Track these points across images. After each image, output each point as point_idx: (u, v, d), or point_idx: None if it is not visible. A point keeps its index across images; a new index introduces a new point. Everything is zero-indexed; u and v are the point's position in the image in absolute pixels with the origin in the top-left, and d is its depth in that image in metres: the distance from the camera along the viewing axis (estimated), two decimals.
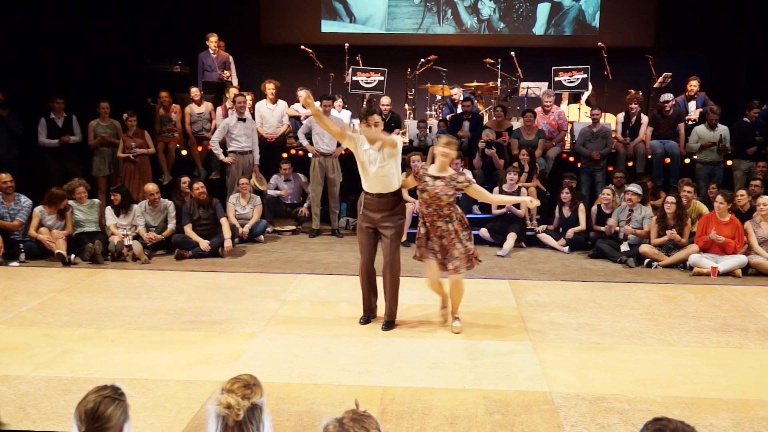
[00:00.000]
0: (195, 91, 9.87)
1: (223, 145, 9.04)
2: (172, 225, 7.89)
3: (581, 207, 8.37)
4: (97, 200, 8.07)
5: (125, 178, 9.02)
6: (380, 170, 5.05)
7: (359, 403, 2.00)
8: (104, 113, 9.16)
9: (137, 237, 7.63)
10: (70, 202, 7.64)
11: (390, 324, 5.28)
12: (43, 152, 9.00)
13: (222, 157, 8.93)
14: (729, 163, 9.28)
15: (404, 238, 8.25)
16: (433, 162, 5.25)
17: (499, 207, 8.54)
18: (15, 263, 7.19)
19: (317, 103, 9.79)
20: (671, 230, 7.54)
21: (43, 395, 3.95)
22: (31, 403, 3.83)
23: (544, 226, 8.53)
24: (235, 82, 10.71)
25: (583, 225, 8.29)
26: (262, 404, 2.17)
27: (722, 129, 9.08)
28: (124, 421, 2.15)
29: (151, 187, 8.01)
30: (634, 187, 7.92)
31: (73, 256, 7.22)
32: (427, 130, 9.89)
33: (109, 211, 7.82)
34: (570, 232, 8.25)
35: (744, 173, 9.02)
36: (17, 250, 7.27)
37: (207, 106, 9.95)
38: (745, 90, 10.81)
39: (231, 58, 10.74)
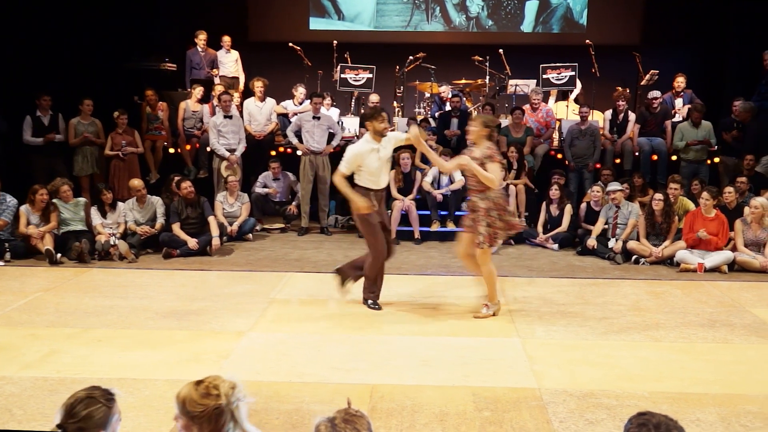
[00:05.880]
0: (198, 90, 9.77)
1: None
2: (161, 220, 7.85)
3: (568, 207, 8.38)
4: (83, 199, 8.01)
5: (113, 176, 8.93)
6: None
7: (351, 402, 2.00)
8: (86, 111, 9.04)
9: (123, 236, 7.58)
10: (55, 201, 7.58)
11: None
12: (28, 151, 8.88)
13: (227, 154, 8.88)
14: (716, 160, 9.34)
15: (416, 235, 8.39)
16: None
17: None
18: (0, 263, 7.12)
19: (307, 102, 9.83)
20: (647, 242, 7.59)
21: (29, 396, 3.91)
22: (17, 404, 3.80)
23: (545, 237, 8.30)
24: (242, 76, 10.70)
25: (565, 227, 8.32)
26: (240, 418, 2.17)
27: (707, 126, 9.13)
28: (104, 427, 2.12)
29: (137, 182, 7.96)
30: (615, 185, 7.96)
31: (59, 255, 7.17)
32: None
33: (94, 210, 7.76)
34: (552, 233, 8.29)
35: (730, 170, 9.08)
36: (2, 249, 7.20)
37: (204, 107, 9.86)
38: (731, 87, 10.88)
39: (218, 55, 10.69)
